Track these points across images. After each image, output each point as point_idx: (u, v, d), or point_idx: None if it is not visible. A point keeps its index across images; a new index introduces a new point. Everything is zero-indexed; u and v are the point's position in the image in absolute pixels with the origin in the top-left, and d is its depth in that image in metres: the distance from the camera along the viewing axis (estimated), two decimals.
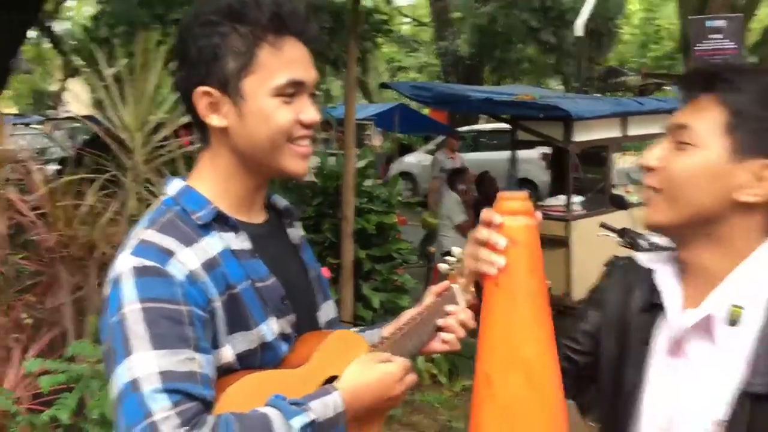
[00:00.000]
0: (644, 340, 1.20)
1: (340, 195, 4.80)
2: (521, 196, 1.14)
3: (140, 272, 1.08)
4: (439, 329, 1.39)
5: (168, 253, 1.11)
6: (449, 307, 1.39)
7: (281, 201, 1.37)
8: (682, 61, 16.47)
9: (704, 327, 1.11)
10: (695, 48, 13.11)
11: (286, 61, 1.17)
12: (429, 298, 1.43)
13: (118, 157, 3.18)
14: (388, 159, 15.37)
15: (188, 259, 1.12)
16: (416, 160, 15.32)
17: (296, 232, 1.37)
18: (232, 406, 1.09)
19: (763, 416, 1.05)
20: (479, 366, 1.13)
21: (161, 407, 1.01)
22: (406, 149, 16.87)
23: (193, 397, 1.04)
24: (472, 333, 1.38)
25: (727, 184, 1.08)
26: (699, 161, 1.10)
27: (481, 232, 1.15)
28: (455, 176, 7.35)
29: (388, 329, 1.41)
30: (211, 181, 1.22)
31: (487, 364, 1.12)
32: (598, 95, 11.16)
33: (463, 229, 6.89)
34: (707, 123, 1.10)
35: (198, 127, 1.23)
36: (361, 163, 5.28)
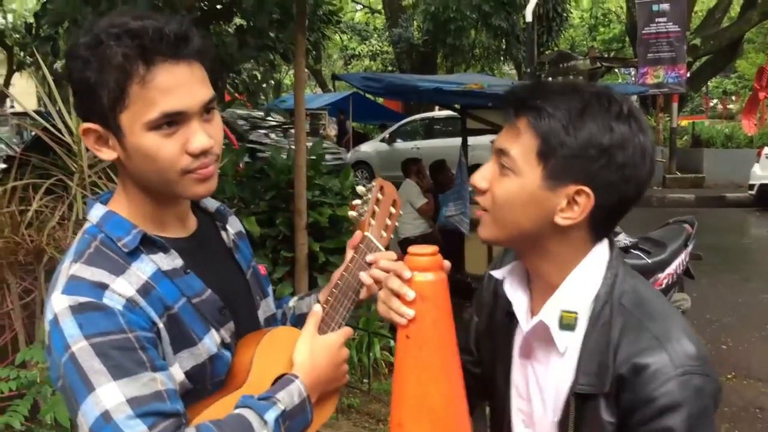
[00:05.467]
0: (507, 344, 1.27)
1: (293, 188, 4.81)
2: (430, 252, 1.16)
3: (77, 310, 1.07)
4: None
5: (101, 287, 1.10)
6: (369, 257, 1.42)
7: (212, 203, 1.37)
8: (630, 43, 16.75)
9: (543, 333, 1.17)
10: (642, 31, 13.33)
11: (158, 92, 1.09)
12: (348, 254, 1.44)
13: (64, 160, 3.16)
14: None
15: (123, 288, 1.11)
16: (372, 149, 15.37)
17: (230, 233, 1.37)
18: None
19: (588, 415, 1.11)
20: (392, 412, 1.18)
21: None
22: (361, 138, 16.88)
23: (166, 415, 1.06)
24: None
25: (543, 208, 1.12)
26: (516, 188, 1.12)
27: (393, 282, 1.17)
28: (410, 165, 7.49)
29: (322, 296, 1.45)
30: (128, 205, 1.21)
31: (398, 411, 1.16)
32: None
33: (424, 212, 7.06)
34: (521, 149, 1.12)
35: None
36: (312, 157, 5.29)
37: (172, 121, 1.11)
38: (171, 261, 1.19)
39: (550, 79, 15.40)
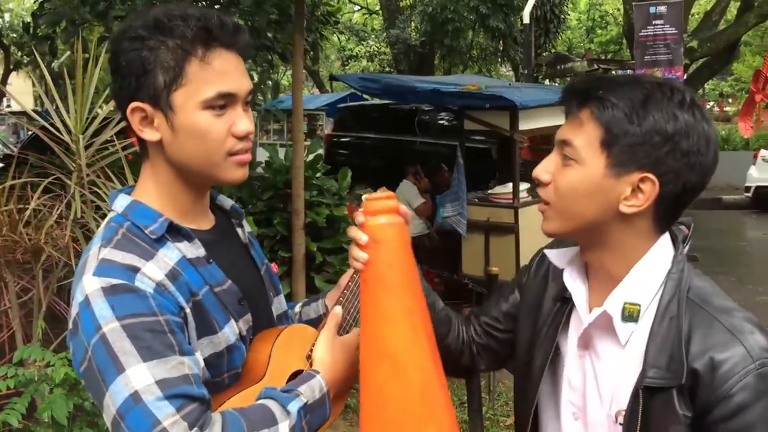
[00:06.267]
0: (554, 328, 1.28)
1: (290, 189, 4.82)
2: (383, 197, 1.20)
3: (110, 291, 1.10)
4: None
5: (133, 270, 1.13)
6: None
7: (227, 201, 1.40)
8: (627, 45, 16.78)
9: (605, 324, 1.18)
10: (639, 33, 13.39)
11: (215, 73, 1.16)
12: None
13: (62, 159, 3.16)
14: None
15: (153, 272, 1.14)
16: None
17: (245, 231, 1.41)
18: None
19: (656, 407, 1.11)
20: (360, 356, 1.20)
21: (167, 414, 1.05)
22: None
23: (193, 398, 1.08)
24: None
25: (608, 197, 1.13)
26: (580, 177, 1.14)
27: (351, 229, 1.21)
28: (408, 167, 7.53)
29: (330, 297, 1.49)
30: (156, 193, 1.23)
31: (363, 354, 1.19)
32: (543, 84, 11.27)
33: (422, 212, 7.09)
34: (585, 139, 1.14)
35: (137, 138, 1.24)
36: (310, 157, 5.30)
37: (224, 103, 1.17)
38: (195, 250, 1.23)
39: (547, 81, 15.43)
